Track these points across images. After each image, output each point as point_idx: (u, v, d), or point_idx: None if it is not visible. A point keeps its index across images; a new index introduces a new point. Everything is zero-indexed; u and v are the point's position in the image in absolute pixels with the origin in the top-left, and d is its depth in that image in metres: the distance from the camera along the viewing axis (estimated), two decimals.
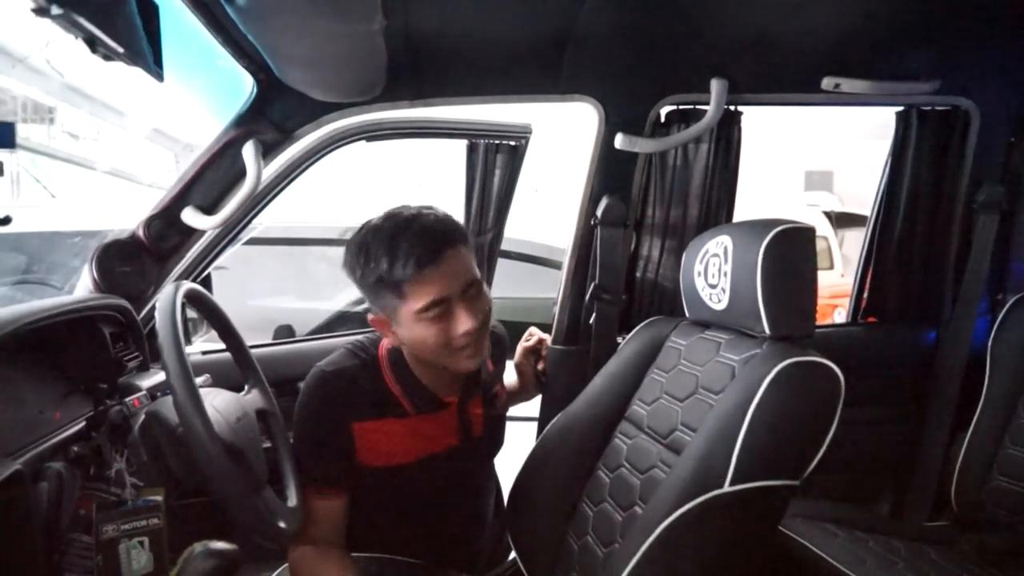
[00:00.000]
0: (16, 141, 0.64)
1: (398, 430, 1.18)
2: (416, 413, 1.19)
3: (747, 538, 0.98)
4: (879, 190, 1.77)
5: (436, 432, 1.22)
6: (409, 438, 1.19)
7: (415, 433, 1.19)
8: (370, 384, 1.17)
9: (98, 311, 1.22)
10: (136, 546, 0.98)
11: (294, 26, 0.97)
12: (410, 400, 1.18)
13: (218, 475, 0.91)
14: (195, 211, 1.42)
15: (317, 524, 1.14)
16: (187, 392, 0.90)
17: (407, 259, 1.00)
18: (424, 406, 1.19)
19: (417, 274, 1.01)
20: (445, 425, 1.23)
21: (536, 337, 1.59)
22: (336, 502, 1.16)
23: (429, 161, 3.81)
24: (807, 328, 1.09)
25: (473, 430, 1.26)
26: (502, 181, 1.76)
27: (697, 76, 1.48)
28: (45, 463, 0.94)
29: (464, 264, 1.06)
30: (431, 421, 1.21)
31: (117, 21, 0.76)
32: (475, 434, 1.27)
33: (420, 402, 1.19)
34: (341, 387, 1.15)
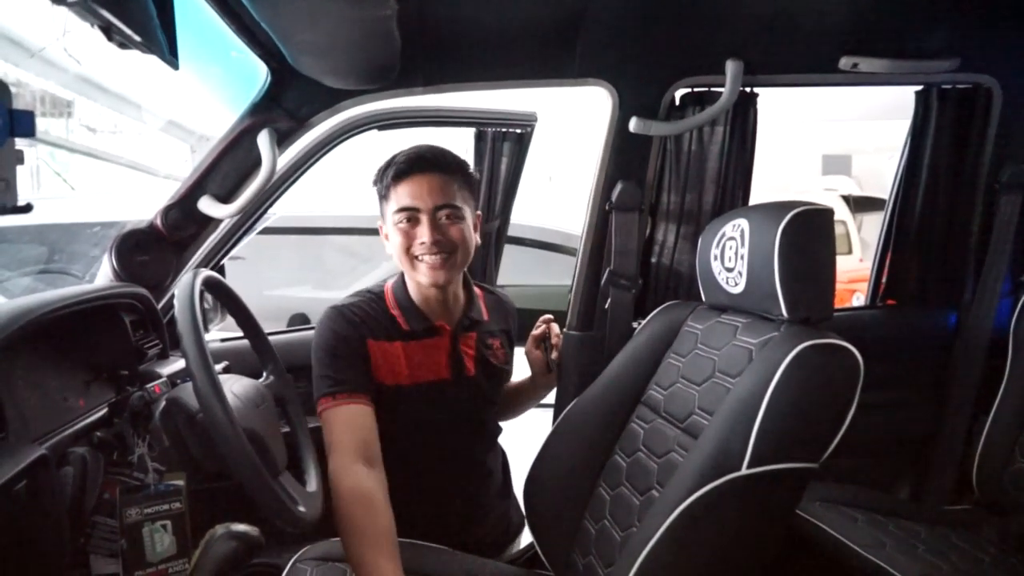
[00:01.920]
0: (36, 131, 0.65)
1: (399, 352, 1.31)
2: (413, 334, 1.32)
3: (765, 521, 0.98)
4: (898, 171, 1.74)
5: (430, 359, 1.34)
6: (407, 360, 1.31)
7: (412, 356, 1.32)
8: (377, 310, 1.33)
9: (118, 300, 1.24)
10: (159, 529, 1.00)
11: (307, 13, 0.97)
12: (406, 319, 1.33)
13: (238, 460, 0.92)
14: (212, 200, 1.43)
15: (352, 437, 1.19)
16: (207, 379, 0.91)
17: (396, 167, 1.24)
18: (418, 326, 1.33)
19: (397, 181, 1.25)
20: (439, 353, 1.35)
21: (543, 325, 1.55)
22: (366, 408, 1.23)
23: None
24: (825, 311, 1.08)
25: (465, 367, 1.37)
26: (509, 168, 1.83)
27: (712, 58, 1.46)
28: (69, 448, 0.96)
29: (441, 187, 1.24)
30: (426, 347, 1.34)
31: (133, 9, 0.76)
32: (467, 373, 1.37)
33: (415, 322, 1.33)
34: (353, 312, 1.31)
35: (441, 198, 1.24)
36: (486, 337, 1.42)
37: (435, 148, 1.27)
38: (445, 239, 1.25)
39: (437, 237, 1.24)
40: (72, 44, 0.85)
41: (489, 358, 1.42)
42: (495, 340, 1.45)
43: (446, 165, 1.26)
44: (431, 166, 1.24)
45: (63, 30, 0.73)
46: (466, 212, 1.28)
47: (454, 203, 1.25)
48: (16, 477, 0.77)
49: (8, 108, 0.63)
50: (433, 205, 1.24)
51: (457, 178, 1.27)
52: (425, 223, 1.24)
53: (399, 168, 1.24)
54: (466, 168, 1.31)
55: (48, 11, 0.72)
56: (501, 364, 1.45)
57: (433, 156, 1.25)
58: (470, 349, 1.38)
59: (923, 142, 1.66)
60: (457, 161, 1.29)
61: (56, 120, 8.49)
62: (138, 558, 0.99)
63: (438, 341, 1.35)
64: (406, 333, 1.32)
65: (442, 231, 1.24)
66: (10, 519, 0.78)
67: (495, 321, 1.46)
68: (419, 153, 1.25)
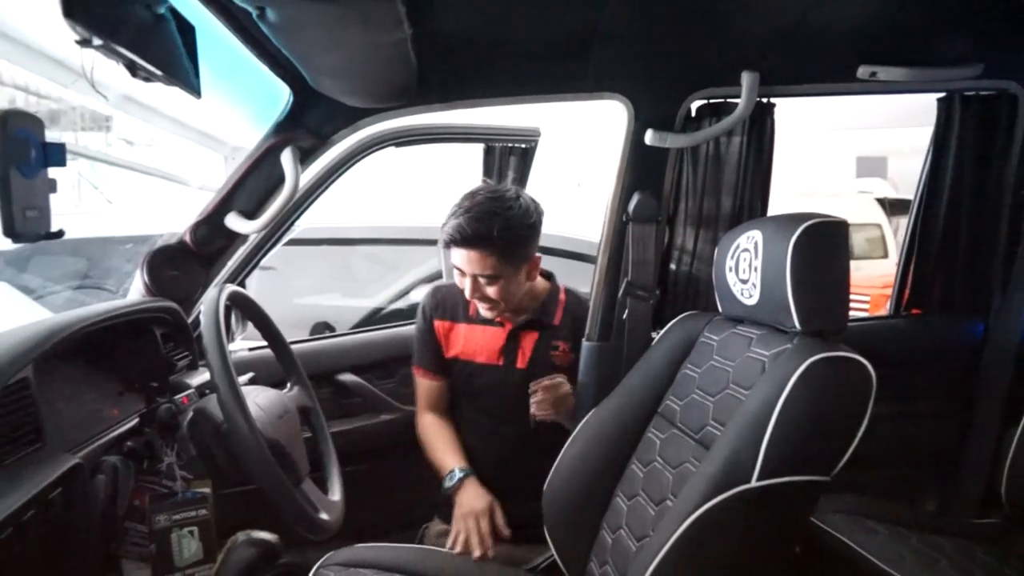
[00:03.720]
0: (67, 160, 0.69)
1: (461, 332, 1.59)
2: (477, 319, 1.58)
3: (775, 533, 0.99)
4: (921, 178, 1.72)
5: (487, 345, 1.58)
6: (466, 340, 1.59)
7: (471, 337, 1.59)
8: (456, 293, 1.58)
9: (149, 314, 1.29)
10: (186, 535, 1.04)
11: (322, 38, 1.01)
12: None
13: (260, 469, 0.96)
14: (238, 216, 1.48)
15: (424, 398, 1.64)
16: (230, 391, 0.95)
17: (447, 233, 1.41)
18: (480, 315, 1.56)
19: (446, 246, 1.45)
20: (495, 341, 1.57)
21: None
22: (435, 382, 1.63)
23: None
24: (839, 323, 1.07)
25: (517, 360, 1.57)
26: (515, 179, 1.96)
27: (727, 70, 1.47)
28: (102, 457, 1.01)
29: (478, 261, 1.41)
30: (486, 333, 1.58)
31: (154, 46, 0.81)
32: (517, 365, 1.57)
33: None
34: (434, 295, 1.64)
35: (477, 269, 1.42)
36: (550, 339, 1.58)
37: (478, 220, 1.38)
38: (484, 297, 1.46)
39: (477, 296, 1.46)
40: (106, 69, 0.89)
41: (551, 358, 1.57)
42: (563, 343, 1.58)
43: (482, 241, 1.38)
44: (469, 244, 1.39)
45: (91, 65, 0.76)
46: (505, 272, 1.43)
47: (487, 274, 1.42)
48: (52, 485, 0.82)
49: (41, 141, 0.67)
50: (471, 273, 1.43)
51: (495, 250, 1.40)
52: (468, 283, 1.45)
53: (448, 236, 1.42)
54: (506, 236, 1.39)
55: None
56: (562, 366, 1.57)
57: (472, 234, 1.38)
58: (528, 346, 1.57)
59: (946, 149, 1.64)
60: (497, 232, 1.38)
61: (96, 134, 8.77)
62: (167, 563, 1.04)
63: (498, 331, 1.57)
64: (471, 317, 1.58)
65: (481, 291, 1.45)
66: (46, 525, 0.82)
67: (568, 326, 1.59)
68: (460, 229, 1.38)
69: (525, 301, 1.55)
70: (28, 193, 0.69)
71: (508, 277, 1.44)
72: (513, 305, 1.51)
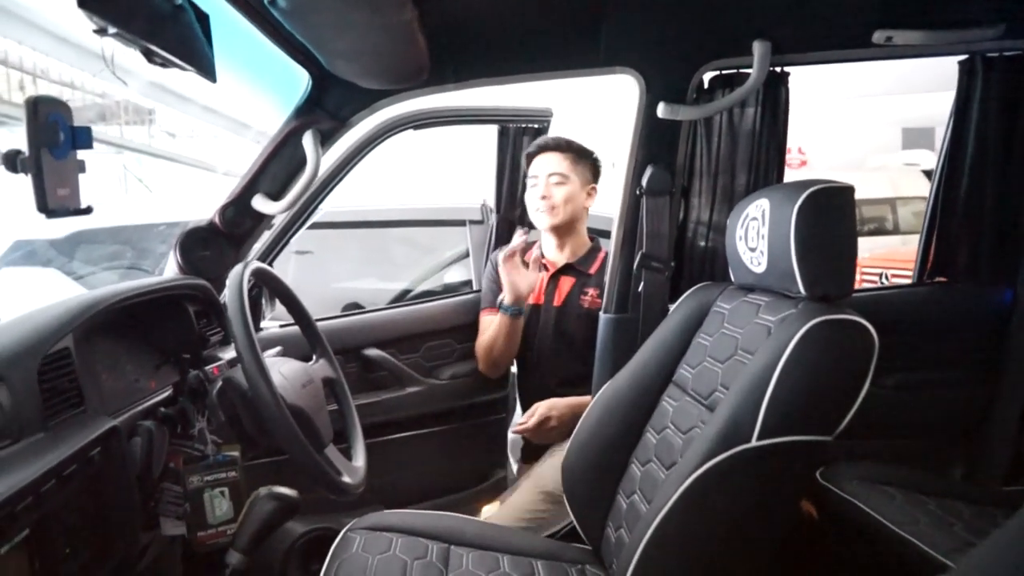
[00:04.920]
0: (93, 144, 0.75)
1: (522, 271, 1.75)
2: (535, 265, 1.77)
3: (777, 492, 1.00)
4: (943, 144, 1.69)
5: (535, 285, 1.77)
6: (524, 280, 1.74)
7: (526, 278, 1.75)
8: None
9: (182, 291, 1.37)
10: (218, 495, 1.12)
11: (332, 22, 1.05)
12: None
13: (284, 434, 1.02)
14: (264, 198, 1.54)
15: (483, 328, 1.89)
16: (253, 359, 1.01)
17: (532, 146, 1.82)
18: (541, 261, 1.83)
19: (531, 155, 1.81)
20: (542, 283, 1.83)
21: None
22: (492, 315, 1.84)
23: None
24: (844, 288, 1.08)
25: (555, 299, 1.82)
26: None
27: (738, 39, 1.46)
28: (138, 422, 1.08)
29: (554, 164, 1.75)
30: (536, 276, 1.77)
31: (169, 33, 0.86)
32: (554, 303, 1.82)
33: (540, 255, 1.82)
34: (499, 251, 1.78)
35: (554, 167, 1.75)
36: (585, 284, 1.81)
37: (557, 137, 1.79)
38: (551, 197, 1.74)
39: (544, 194, 1.75)
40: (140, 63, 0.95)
41: (581, 301, 1.80)
42: (593, 290, 1.80)
43: (558, 146, 1.76)
44: (551, 147, 1.76)
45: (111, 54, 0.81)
46: (572, 179, 1.75)
47: (561, 171, 1.75)
48: (92, 444, 0.89)
49: (70, 125, 0.73)
50: (548, 173, 1.75)
51: (568, 155, 1.75)
52: (544, 185, 1.75)
53: (535, 147, 1.79)
54: (577, 148, 1.77)
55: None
56: (589, 308, 1.78)
57: (554, 141, 1.78)
58: (565, 288, 1.82)
59: (968, 113, 1.60)
60: (568, 143, 1.77)
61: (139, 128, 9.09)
62: (200, 520, 1.11)
63: (543, 276, 1.82)
64: (524, 262, 1.76)
65: (551, 191, 1.74)
66: (88, 480, 0.90)
67: (601, 276, 1.78)
68: (546, 138, 1.81)
69: (575, 238, 1.84)
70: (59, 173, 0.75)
71: (574, 183, 1.75)
72: (569, 214, 1.77)
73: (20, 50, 8.21)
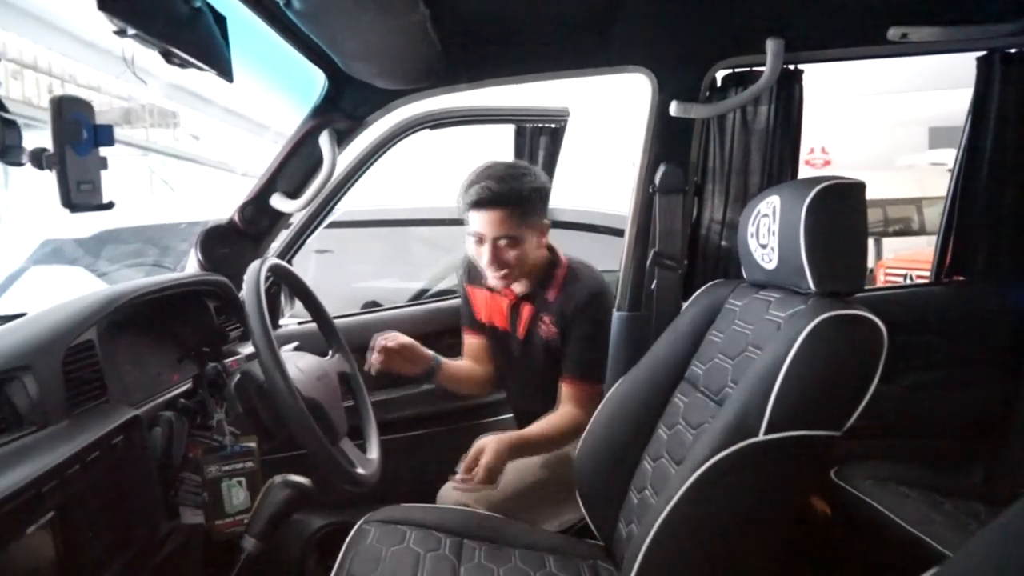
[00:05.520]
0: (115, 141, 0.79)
1: (485, 296, 1.71)
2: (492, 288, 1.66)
3: (784, 486, 1.01)
4: (961, 142, 1.67)
5: (498, 311, 1.69)
6: (486, 305, 1.71)
7: (489, 303, 1.71)
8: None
9: (202, 287, 1.40)
10: (235, 485, 1.15)
11: (346, 23, 1.08)
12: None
13: (299, 424, 1.04)
14: (282, 196, 1.57)
15: (468, 351, 1.78)
16: (269, 351, 1.04)
17: (469, 196, 1.47)
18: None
19: (469, 208, 1.49)
20: (503, 309, 1.67)
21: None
22: (475, 340, 1.77)
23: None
24: (854, 284, 1.08)
25: (519, 328, 1.66)
26: (545, 158, 2.04)
27: (751, 37, 1.46)
28: (159, 413, 1.12)
29: (502, 221, 1.47)
30: (496, 300, 1.68)
31: (186, 35, 0.89)
32: (518, 333, 1.66)
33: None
34: (464, 264, 1.76)
35: (500, 231, 1.48)
36: (543, 312, 1.62)
37: (500, 181, 1.47)
38: (502, 261, 1.51)
39: (495, 260, 1.50)
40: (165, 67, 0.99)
41: (539, 330, 1.62)
42: (548, 317, 1.61)
43: (507, 200, 1.47)
44: (494, 203, 1.46)
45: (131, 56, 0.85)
46: (524, 234, 1.50)
47: (511, 235, 1.49)
48: (114, 432, 0.93)
49: (92, 123, 0.76)
50: (493, 236, 1.48)
51: (517, 209, 1.48)
52: (487, 248, 1.49)
53: (470, 200, 1.47)
54: (526, 197, 1.49)
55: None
56: (545, 339, 1.62)
57: (497, 193, 1.46)
58: (525, 316, 1.64)
59: (987, 110, 1.59)
60: (518, 193, 1.48)
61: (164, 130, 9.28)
62: (218, 510, 1.14)
63: (503, 300, 1.66)
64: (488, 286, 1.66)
65: (500, 255, 1.50)
66: (110, 467, 0.93)
67: (563, 302, 1.59)
68: (486, 190, 1.46)
69: (531, 270, 1.60)
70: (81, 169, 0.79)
71: (526, 240, 1.51)
72: (526, 271, 1.57)
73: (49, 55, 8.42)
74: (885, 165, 9.63)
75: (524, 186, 1.48)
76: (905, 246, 7.16)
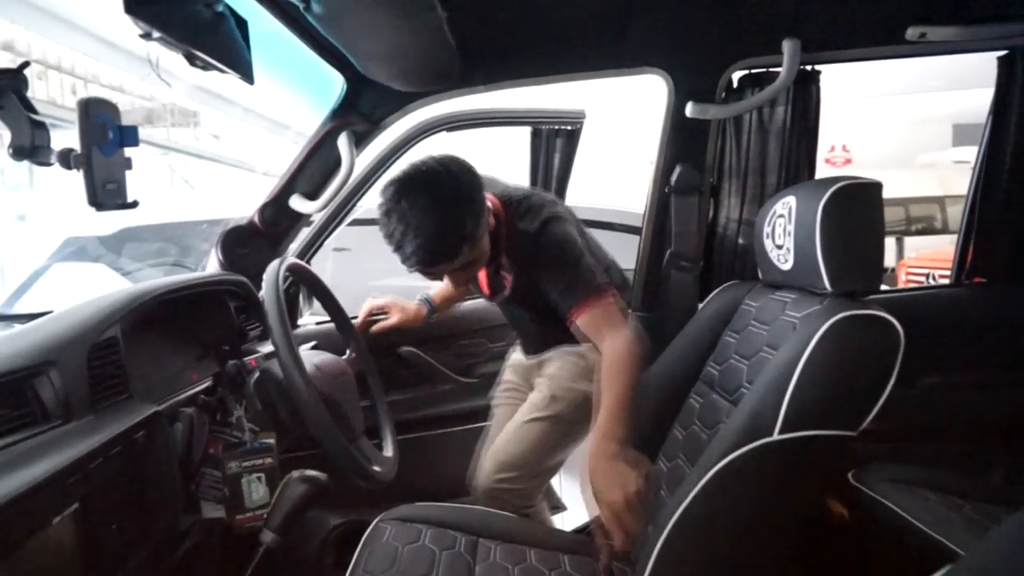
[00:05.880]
0: (139, 142, 0.81)
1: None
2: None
3: (799, 486, 1.00)
4: (982, 143, 1.66)
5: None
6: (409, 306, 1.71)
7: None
8: None
9: (222, 286, 1.43)
10: (255, 480, 1.16)
11: (364, 26, 1.09)
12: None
13: (315, 420, 1.06)
14: (301, 197, 1.59)
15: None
16: (287, 347, 1.05)
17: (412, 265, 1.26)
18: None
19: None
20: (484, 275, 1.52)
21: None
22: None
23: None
24: (870, 284, 1.07)
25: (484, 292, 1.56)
26: (562, 160, 2.04)
27: (768, 38, 1.46)
28: (180, 409, 1.14)
29: (456, 264, 1.27)
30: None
31: (209, 38, 0.91)
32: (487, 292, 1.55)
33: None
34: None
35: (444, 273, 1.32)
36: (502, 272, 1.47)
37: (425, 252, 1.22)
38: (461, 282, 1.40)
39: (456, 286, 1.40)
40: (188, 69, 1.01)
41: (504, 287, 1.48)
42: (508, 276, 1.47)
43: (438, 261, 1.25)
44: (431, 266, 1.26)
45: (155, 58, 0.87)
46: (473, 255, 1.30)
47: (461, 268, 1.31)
48: (136, 427, 0.95)
49: (118, 124, 0.78)
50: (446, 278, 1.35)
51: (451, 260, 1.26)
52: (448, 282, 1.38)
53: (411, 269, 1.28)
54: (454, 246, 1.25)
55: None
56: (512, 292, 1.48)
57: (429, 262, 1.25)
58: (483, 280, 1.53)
59: (1008, 110, 1.57)
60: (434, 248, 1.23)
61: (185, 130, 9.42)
62: (238, 504, 1.16)
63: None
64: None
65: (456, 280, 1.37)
66: (132, 461, 0.95)
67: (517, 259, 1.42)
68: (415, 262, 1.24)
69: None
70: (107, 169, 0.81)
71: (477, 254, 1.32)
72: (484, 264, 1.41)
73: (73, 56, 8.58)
74: (907, 163, 9.51)
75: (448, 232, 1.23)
76: (927, 245, 7.07)
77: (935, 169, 8.64)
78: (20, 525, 0.72)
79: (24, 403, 0.88)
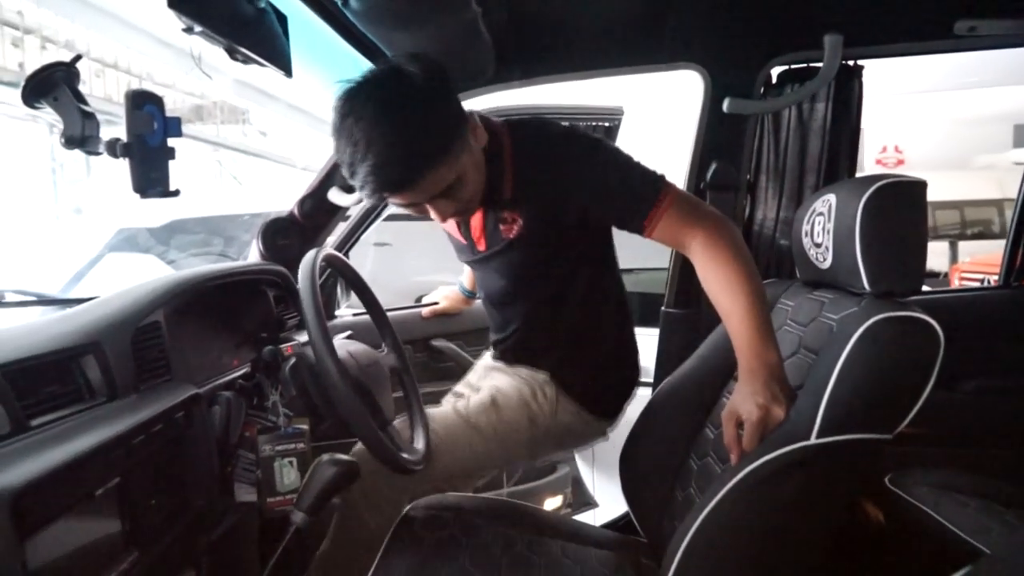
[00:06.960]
0: (183, 132, 0.84)
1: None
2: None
3: (835, 489, 0.98)
4: None
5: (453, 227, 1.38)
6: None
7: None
8: None
9: (262, 275, 1.47)
10: (287, 464, 1.20)
11: (401, 22, 1.11)
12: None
13: (346, 405, 1.07)
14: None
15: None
16: (320, 332, 1.07)
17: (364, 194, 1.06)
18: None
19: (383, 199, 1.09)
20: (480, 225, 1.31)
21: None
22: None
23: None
24: (911, 285, 1.04)
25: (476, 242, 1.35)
26: None
27: (808, 33, 1.43)
28: (219, 392, 1.18)
29: (427, 188, 1.08)
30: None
31: (250, 33, 0.94)
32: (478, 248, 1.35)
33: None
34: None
35: (426, 196, 1.11)
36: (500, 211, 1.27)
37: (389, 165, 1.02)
38: (450, 214, 1.19)
39: (443, 218, 1.19)
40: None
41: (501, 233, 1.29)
42: (511, 214, 1.26)
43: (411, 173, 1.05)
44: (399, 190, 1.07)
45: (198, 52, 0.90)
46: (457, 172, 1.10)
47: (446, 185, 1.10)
48: (176, 407, 0.99)
49: (163, 116, 0.82)
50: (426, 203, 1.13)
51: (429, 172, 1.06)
52: (432, 208, 1.15)
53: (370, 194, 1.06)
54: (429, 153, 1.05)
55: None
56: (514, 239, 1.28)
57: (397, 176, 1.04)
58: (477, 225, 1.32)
59: None
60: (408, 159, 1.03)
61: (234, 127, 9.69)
62: (270, 488, 1.20)
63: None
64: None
65: (443, 211, 1.16)
66: (172, 441, 0.99)
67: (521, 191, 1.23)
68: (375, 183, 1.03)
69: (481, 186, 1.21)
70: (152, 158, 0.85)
71: (461, 171, 1.11)
72: (479, 192, 1.20)
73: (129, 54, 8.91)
74: (963, 165, 9.18)
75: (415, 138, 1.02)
76: (983, 249, 6.83)
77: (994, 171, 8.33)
78: (67, 493, 0.76)
79: (71, 381, 0.92)
